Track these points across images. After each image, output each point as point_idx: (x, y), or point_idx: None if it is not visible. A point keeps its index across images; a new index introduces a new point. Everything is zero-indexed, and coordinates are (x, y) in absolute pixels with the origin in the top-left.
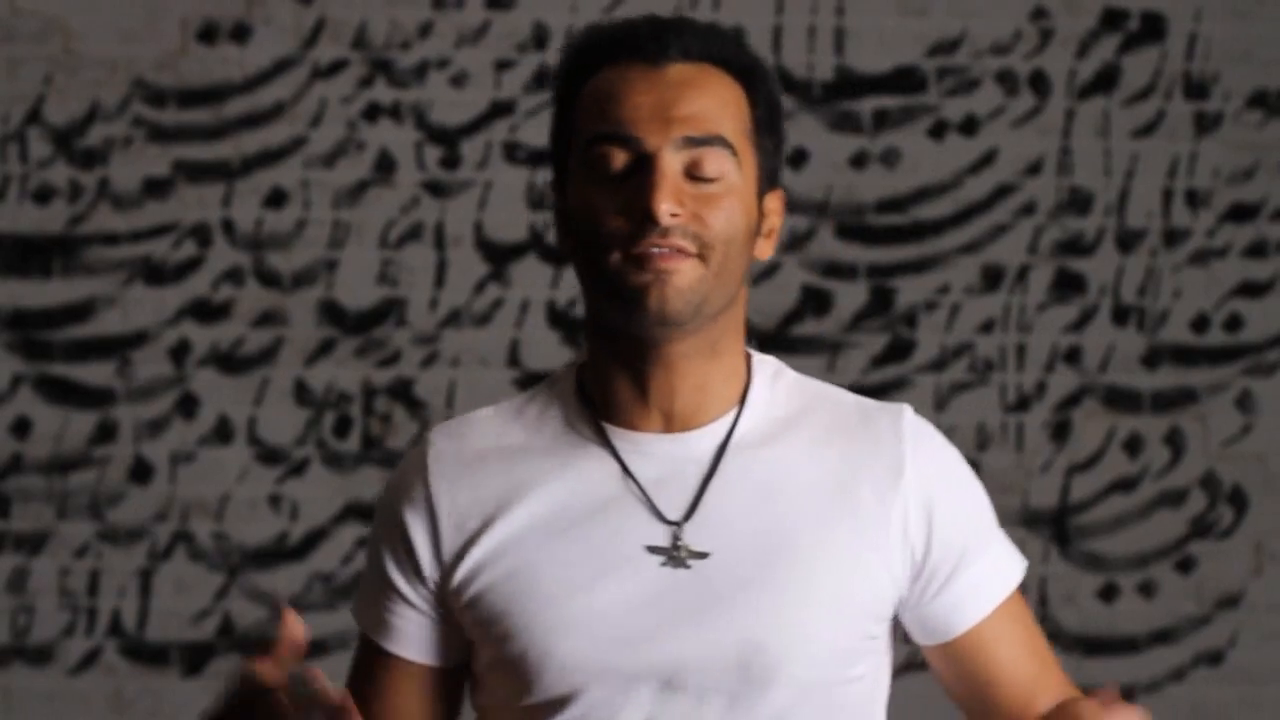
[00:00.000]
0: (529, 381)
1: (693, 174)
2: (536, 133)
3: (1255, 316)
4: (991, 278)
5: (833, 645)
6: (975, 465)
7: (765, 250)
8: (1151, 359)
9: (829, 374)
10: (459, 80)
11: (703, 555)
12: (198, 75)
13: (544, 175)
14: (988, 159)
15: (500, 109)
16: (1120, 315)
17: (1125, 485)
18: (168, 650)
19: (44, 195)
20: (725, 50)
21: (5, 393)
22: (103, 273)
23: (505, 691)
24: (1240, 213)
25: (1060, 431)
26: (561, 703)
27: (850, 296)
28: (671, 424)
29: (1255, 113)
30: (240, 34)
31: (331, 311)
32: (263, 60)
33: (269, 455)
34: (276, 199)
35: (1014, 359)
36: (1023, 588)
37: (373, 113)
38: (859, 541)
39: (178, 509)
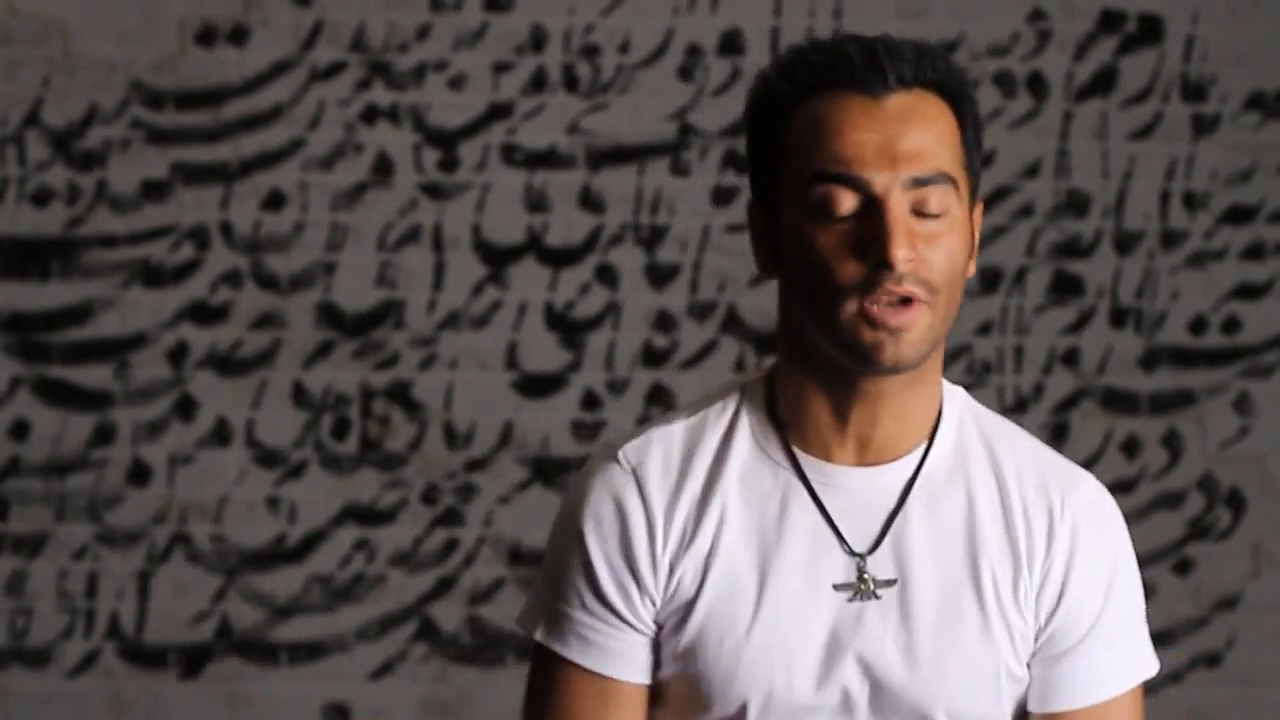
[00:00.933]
0: (527, 383)
1: (918, 211)
2: (534, 135)
3: (1253, 318)
4: (989, 279)
5: (983, 685)
6: None
7: (972, 269)
8: (1149, 361)
9: None
10: (457, 82)
11: (891, 583)
12: (196, 77)
13: (541, 178)
14: (985, 161)
15: (498, 111)
16: (1118, 317)
17: (1123, 487)
18: (166, 652)
19: (42, 197)
20: (937, 73)
21: (4, 395)
22: (101, 275)
23: (685, 707)
24: (1238, 214)
25: (1058, 433)
26: None
27: None
28: (865, 454)
29: (1253, 114)
30: (238, 36)
31: (329, 314)
32: (261, 62)
33: (267, 457)
34: (274, 201)
35: (1012, 361)
36: None
37: (371, 115)
38: (1013, 587)
39: (176, 511)
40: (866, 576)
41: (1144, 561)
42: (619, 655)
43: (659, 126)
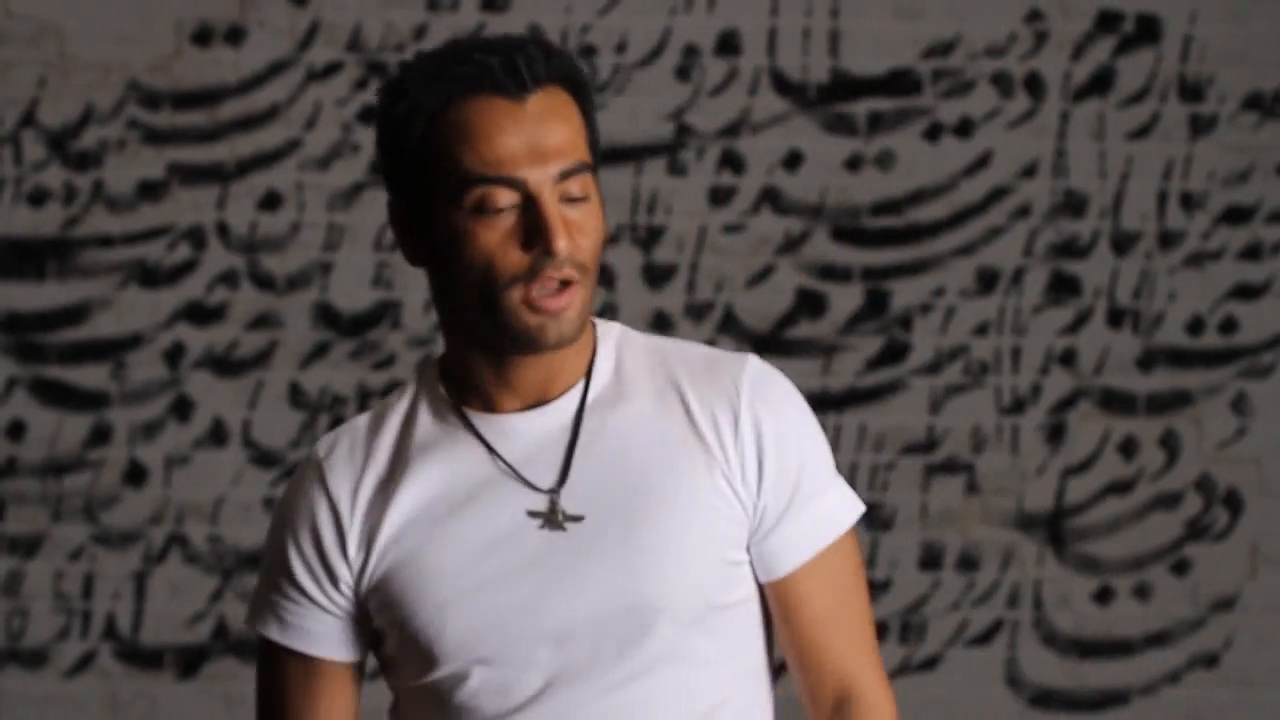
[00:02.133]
0: None
1: (564, 199)
2: None
3: (1250, 319)
4: (986, 280)
5: (703, 578)
6: (969, 468)
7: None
8: (1146, 361)
9: (824, 376)
10: None
11: (578, 519)
12: (192, 78)
13: None
14: (983, 161)
15: None
16: (1115, 318)
17: (1120, 488)
18: (162, 653)
19: (38, 198)
20: (563, 68)
21: (0, 395)
22: (97, 275)
23: (413, 670)
24: (1235, 215)
25: (1055, 434)
26: (464, 673)
27: (845, 299)
28: (529, 401)
29: (1250, 115)
30: (234, 36)
31: (326, 314)
32: (257, 63)
33: (263, 458)
34: (271, 201)
35: (1009, 361)
36: (1018, 590)
37: (367, 115)
38: (710, 480)
39: (172, 512)
40: (557, 509)
41: (1141, 562)
42: (317, 635)
43: (656, 126)
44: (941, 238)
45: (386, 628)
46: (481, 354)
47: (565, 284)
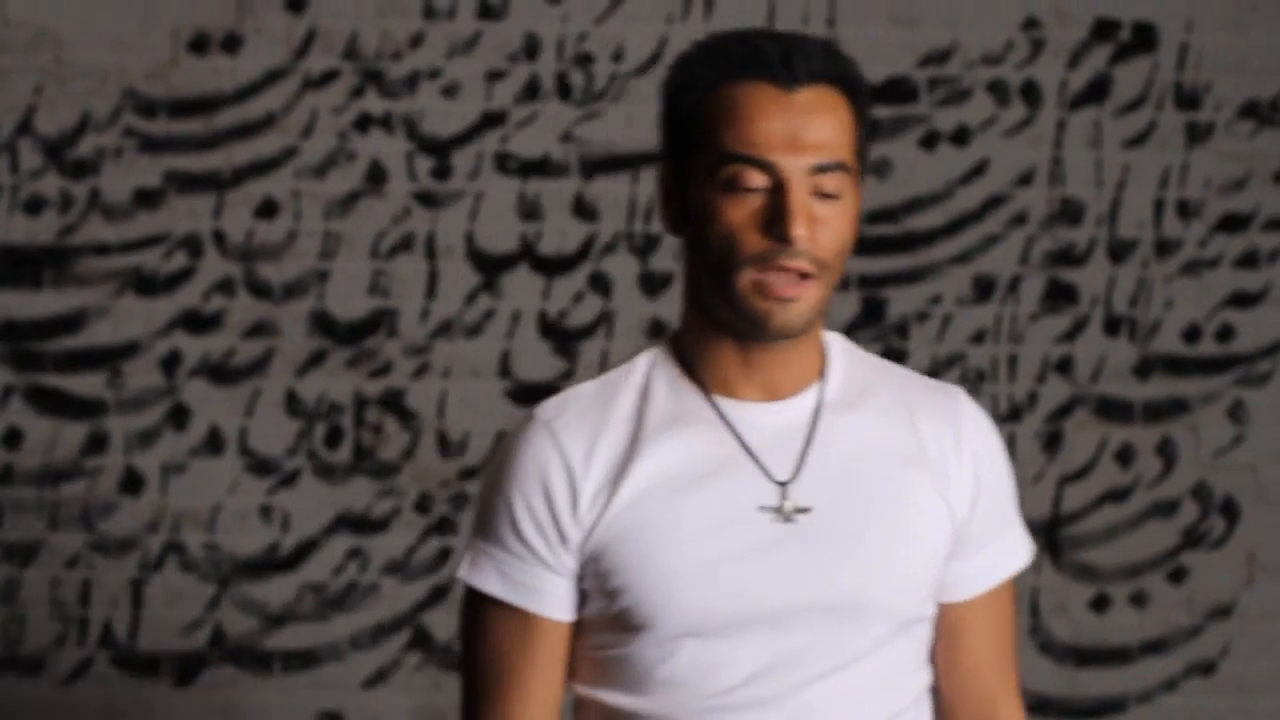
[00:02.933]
0: (521, 393)
1: (816, 193)
2: (527, 143)
3: (1247, 327)
4: (983, 288)
5: (916, 584)
6: None
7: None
8: (1143, 369)
9: None
10: (450, 91)
11: (806, 510)
12: (189, 85)
13: (534, 186)
14: (979, 169)
15: (491, 119)
16: (1112, 326)
17: (1117, 496)
18: (159, 661)
19: (35, 206)
20: (840, 69)
21: None
22: (94, 283)
23: (614, 638)
24: (1232, 223)
25: (1052, 442)
26: (674, 647)
27: (842, 307)
28: (768, 394)
29: (1247, 123)
30: (231, 44)
31: (322, 322)
32: (254, 71)
33: (260, 466)
34: (267, 210)
35: (1005, 369)
36: (1014, 597)
37: (364, 123)
38: (932, 494)
39: (169, 520)
40: (787, 502)
41: (1138, 570)
42: (540, 592)
43: (652, 134)
44: (938, 246)
45: (598, 592)
46: (724, 338)
47: (802, 276)
